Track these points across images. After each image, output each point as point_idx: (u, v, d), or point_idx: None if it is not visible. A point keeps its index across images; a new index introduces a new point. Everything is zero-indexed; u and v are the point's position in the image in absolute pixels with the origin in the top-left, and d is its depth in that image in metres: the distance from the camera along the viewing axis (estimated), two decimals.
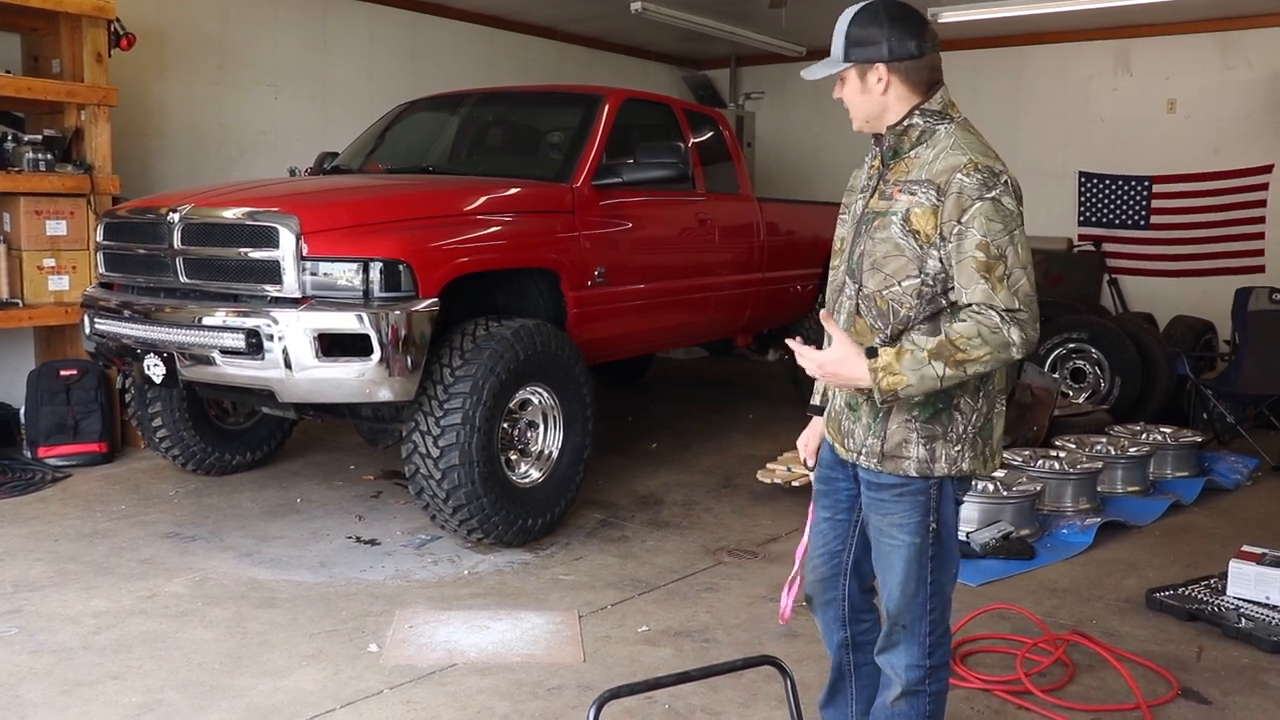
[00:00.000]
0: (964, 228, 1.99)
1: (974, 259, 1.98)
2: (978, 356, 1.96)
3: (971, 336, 1.96)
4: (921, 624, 2.20)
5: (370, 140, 5.80)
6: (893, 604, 2.21)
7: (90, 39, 5.46)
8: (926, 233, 2.04)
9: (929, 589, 2.18)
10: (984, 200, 1.98)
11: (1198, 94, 8.39)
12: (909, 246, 2.06)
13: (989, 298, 1.97)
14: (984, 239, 1.97)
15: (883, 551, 2.22)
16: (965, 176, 2.00)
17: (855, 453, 2.21)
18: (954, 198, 2.00)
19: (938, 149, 2.08)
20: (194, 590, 3.79)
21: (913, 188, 2.07)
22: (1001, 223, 1.98)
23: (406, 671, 3.18)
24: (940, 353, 1.96)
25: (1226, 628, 3.58)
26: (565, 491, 4.50)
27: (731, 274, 5.96)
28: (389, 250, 3.93)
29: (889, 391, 1.99)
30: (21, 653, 3.26)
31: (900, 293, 2.08)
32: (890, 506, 2.17)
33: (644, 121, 5.71)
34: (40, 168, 5.29)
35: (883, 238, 2.10)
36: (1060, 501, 4.84)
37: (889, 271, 2.09)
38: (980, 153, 2.05)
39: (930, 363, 1.96)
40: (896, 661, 2.24)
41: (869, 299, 2.13)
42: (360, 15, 7.54)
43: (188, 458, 5.08)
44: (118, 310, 4.36)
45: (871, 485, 2.20)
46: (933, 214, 2.03)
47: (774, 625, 3.59)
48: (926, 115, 2.12)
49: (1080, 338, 6.76)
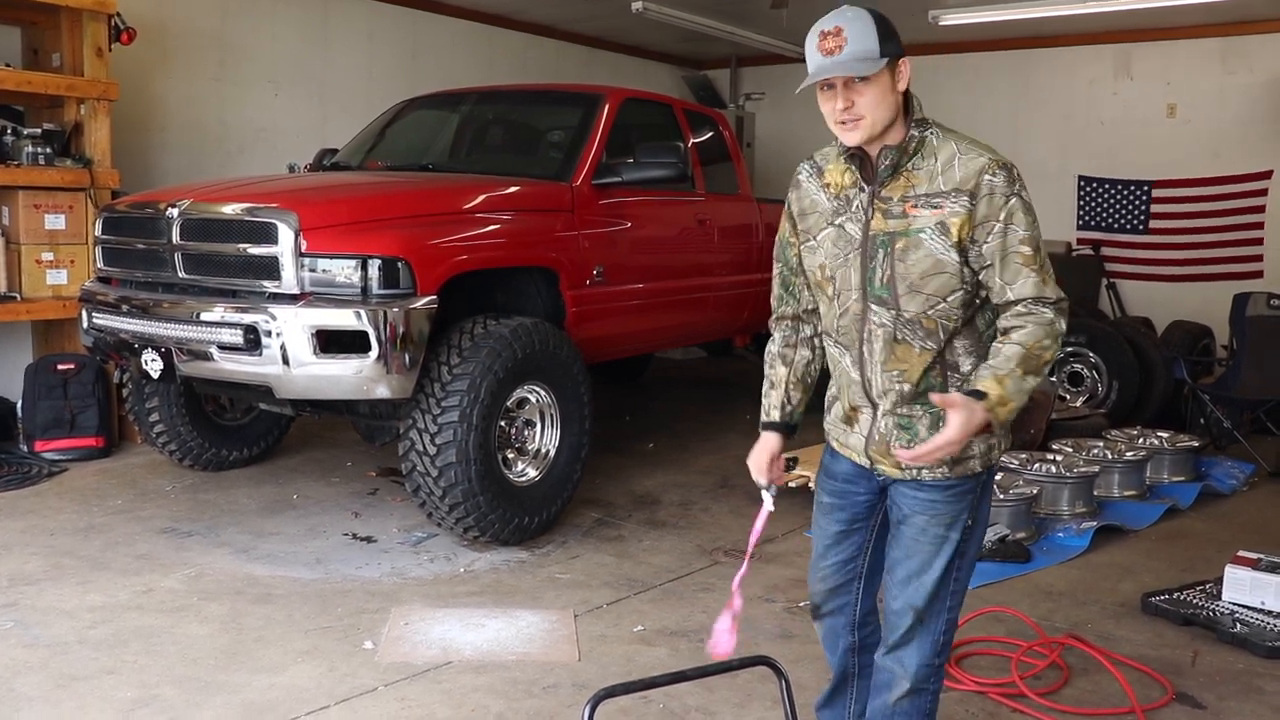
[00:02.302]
0: (1005, 225, 2.02)
1: (1020, 254, 2.02)
2: (1051, 356, 2.04)
3: (1043, 339, 2.02)
4: (939, 620, 2.21)
5: (370, 137, 5.80)
6: (919, 599, 2.19)
7: (91, 33, 5.46)
8: (964, 241, 2.04)
9: (953, 585, 2.20)
10: (1015, 196, 2.03)
11: (1198, 99, 8.40)
12: (951, 261, 2.05)
13: (1039, 290, 2.03)
14: (1026, 233, 2.02)
15: (921, 551, 2.18)
16: (993, 176, 2.02)
17: (916, 469, 2.16)
18: (987, 199, 2.02)
19: (943, 157, 2.06)
20: (190, 586, 3.79)
21: (936, 200, 2.04)
22: (1033, 215, 2.05)
23: (402, 669, 3.18)
24: (1028, 364, 2.01)
25: (1221, 632, 3.58)
26: (562, 490, 4.50)
27: (730, 274, 5.96)
28: (388, 247, 3.92)
29: (1010, 416, 2.03)
30: (16, 646, 3.25)
31: (948, 308, 2.08)
32: (942, 506, 2.16)
33: (644, 121, 5.71)
34: (40, 161, 5.28)
35: (917, 258, 2.06)
36: (1057, 505, 4.85)
37: (931, 291, 2.07)
38: (990, 151, 2.07)
39: (1025, 378, 2.01)
40: (908, 659, 2.23)
41: (912, 323, 2.10)
42: (360, 13, 7.54)
43: (185, 453, 5.08)
44: (116, 305, 4.36)
45: (928, 487, 2.17)
46: (968, 220, 2.03)
47: (770, 626, 3.60)
48: (921, 126, 2.10)
49: (1078, 341, 6.76)
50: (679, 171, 5.02)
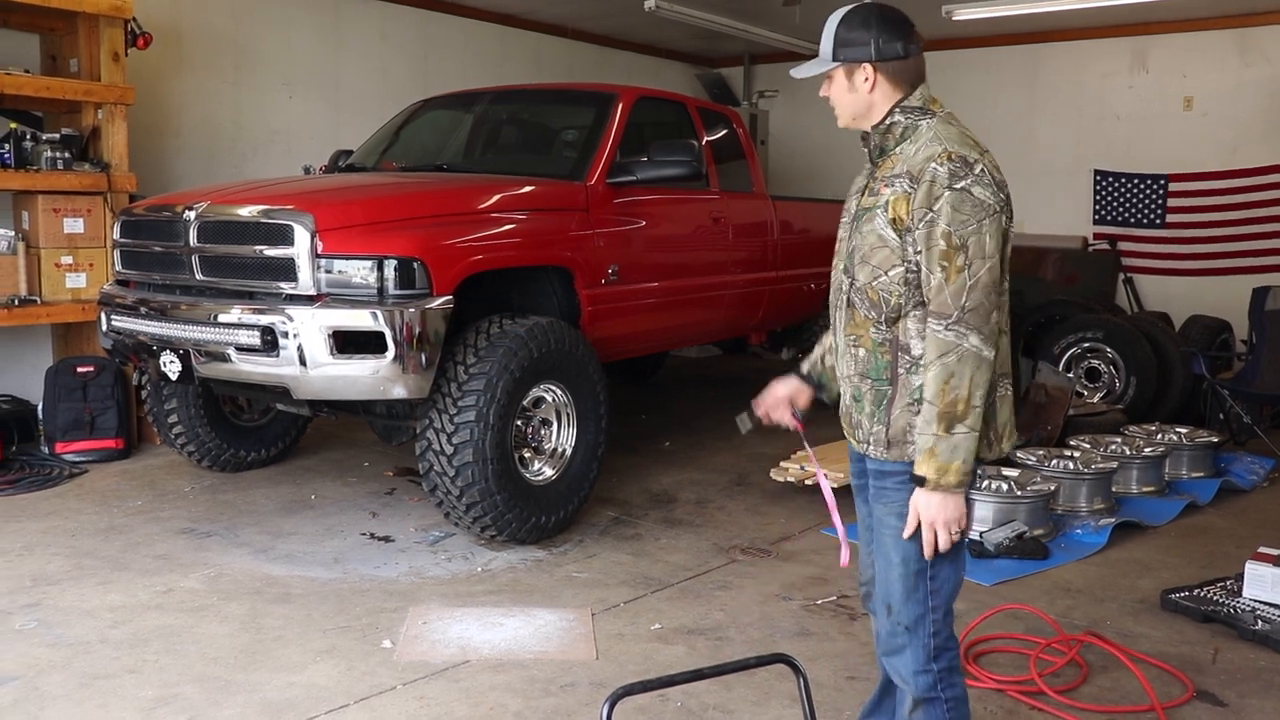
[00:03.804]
0: (934, 215, 2.04)
1: (938, 247, 2.03)
2: (967, 387, 2.02)
3: (946, 378, 2.02)
4: (924, 624, 2.17)
5: (384, 138, 5.82)
6: (894, 600, 2.19)
7: (108, 38, 5.50)
8: (903, 220, 2.08)
9: (929, 584, 2.16)
10: (953, 190, 2.03)
11: (1215, 92, 8.34)
12: (890, 236, 2.11)
13: (940, 293, 2.03)
14: (948, 228, 2.02)
15: (882, 544, 2.21)
16: (939, 165, 2.05)
17: (864, 444, 2.22)
18: (925, 186, 2.05)
19: (919, 143, 2.13)
20: (209, 586, 3.82)
21: (893, 180, 2.12)
22: (968, 213, 2.03)
23: (420, 668, 3.20)
24: (948, 419, 2.02)
25: (1242, 629, 3.56)
26: (579, 489, 4.51)
27: (745, 272, 5.95)
28: (403, 248, 3.94)
29: (962, 476, 2.04)
30: (40, 645, 3.29)
31: (888, 282, 2.12)
32: (892, 495, 2.17)
33: (658, 120, 5.71)
34: (58, 166, 5.33)
35: (868, 230, 2.15)
36: (1075, 501, 4.82)
37: (875, 263, 2.13)
38: (957, 143, 2.09)
39: (951, 433, 2.02)
40: (903, 667, 2.21)
41: (861, 291, 2.18)
42: (372, 14, 7.57)
43: (203, 454, 5.11)
44: (134, 307, 4.39)
45: (877, 474, 2.22)
46: (905, 201, 2.08)
47: (787, 624, 3.59)
48: (908, 112, 2.17)
49: (1095, 337, 6.72)
50: (693, 170, 5.02)
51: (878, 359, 2.17)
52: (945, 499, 2.05)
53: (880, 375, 2.17)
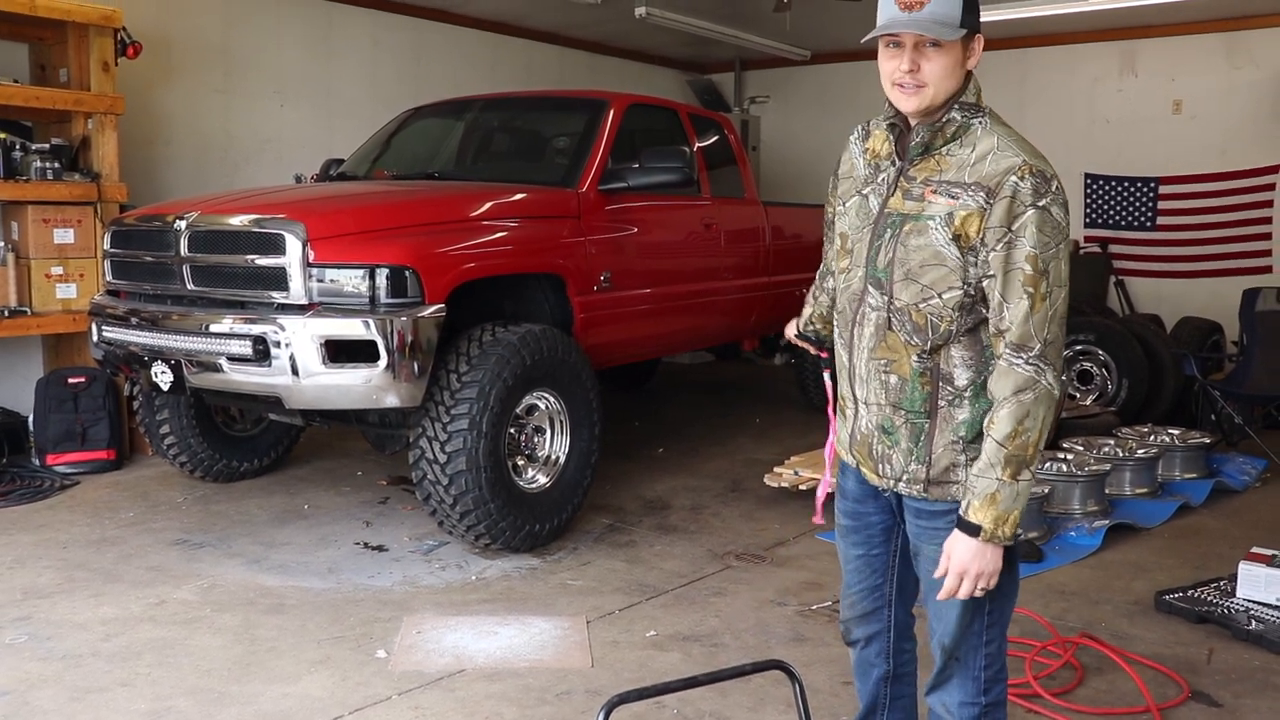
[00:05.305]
0: (1014, 236, 1.84)
1: (1021, 271, 1.83)
2: (1039, 429, 1.87)
3: (1022, 419, 1.85)
4: (977, 657, 2.05)
5: (375, 147, 5.82)
6: (948, 638, 2.05)
7: (97, 48, 5.49)
8: (970, 238, 1.87)
9: (986, 619, 2.04)
10: (1036, 209, 1.83)
11: (1203, 94, 8.38)
12: (951, 255, 1.89)
13: (1024, 324, 1.84)
14: (1033, 250, 1.83)
15: (939, 586, 1.98)
16: (1020, 180, 1.84)
17: (893, 479, 2.05)
18: (1005, 202, 1.84)
19: (980, 148, 1.90)
20: (202, 597, 3.80)
21: (954, 190, 1.89)
22: (1050, 235, 1.84)
23: (414, 677, 3.18)
24: (1015, 463, 1.85)
25: (1237, 630, 3.57)
26: (572, 497, 4.50)
27: (737, 278, 5.96)
28: (395, 256, 3.93)
29: (1016, 528, 1.88)
30: (31, 659, 3.26)
31: (940, 306, 1.91)
32: (946, 534, 1.96)
33: (649, 126, 5.72)
34: (48, 176, 5.31)
35: (918, 245, 1.92)
36: (1068, 504, 4.83)
37: (926, 283, 1.92)
38: (1032, 154, 1.89)
39: (1018, 479, 1.86)
40: (949, 699, 2.10)
41: (902, 313, 1.95)
42: (364, 22, 7.56)
43: (195, 465, 5.09)
44: (125, 318, 4.38)
45: (921, 514, 2.04)
46: (979, 218, 1.86)
47: (782, 630, 3.59)
48: (964, 109, 1.94)
49: (1087, 339, 6.74)
50: (685, 176, 5.02)
51: (914, 389, 1.97)
52: (994, 551, 1.89)
53: (916, 408, 1.98)
